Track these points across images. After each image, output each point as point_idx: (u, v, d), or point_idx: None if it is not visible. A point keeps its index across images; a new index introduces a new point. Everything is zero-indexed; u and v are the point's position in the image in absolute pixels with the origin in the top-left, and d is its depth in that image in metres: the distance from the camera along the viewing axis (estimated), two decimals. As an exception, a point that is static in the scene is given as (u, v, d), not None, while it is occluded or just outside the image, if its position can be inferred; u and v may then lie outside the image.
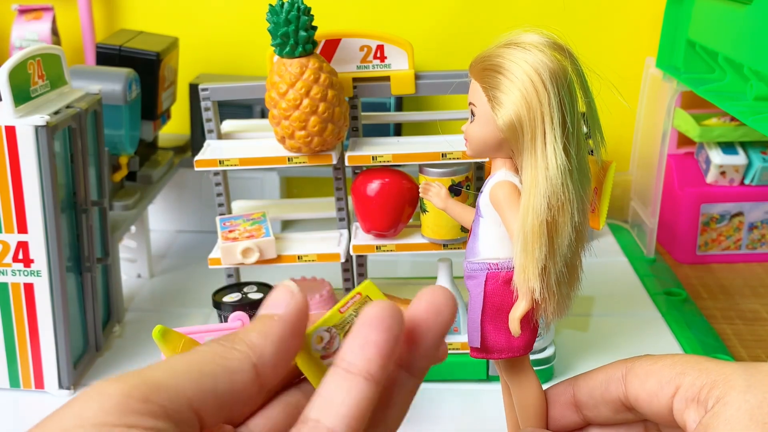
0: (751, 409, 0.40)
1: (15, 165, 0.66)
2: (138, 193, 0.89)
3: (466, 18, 1.10)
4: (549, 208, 0.47)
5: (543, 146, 0.47)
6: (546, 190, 0.46)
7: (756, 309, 0.90)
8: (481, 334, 0.51)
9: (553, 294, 0.48)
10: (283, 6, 0.65)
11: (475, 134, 0.50)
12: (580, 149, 0.49)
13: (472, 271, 0.51)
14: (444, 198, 0.62)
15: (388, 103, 1.01)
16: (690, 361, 0.45)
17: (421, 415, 0.69)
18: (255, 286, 0.77)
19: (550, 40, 0.48)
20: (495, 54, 0.48)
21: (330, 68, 0.68)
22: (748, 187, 0.99)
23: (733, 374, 0.42)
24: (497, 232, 0.50)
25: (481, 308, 0.50)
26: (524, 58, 0.47)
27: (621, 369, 0.48)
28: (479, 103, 0.49)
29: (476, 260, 0.51)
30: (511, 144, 0.48)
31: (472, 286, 0.51)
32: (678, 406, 0.44)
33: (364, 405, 0.33)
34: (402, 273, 0.97)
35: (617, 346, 0.80)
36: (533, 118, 0.47)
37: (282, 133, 0.69)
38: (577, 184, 0.48)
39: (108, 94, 0.82)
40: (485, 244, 0.50)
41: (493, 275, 0.50)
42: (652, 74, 1.00)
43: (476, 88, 0.49)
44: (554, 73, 0.47)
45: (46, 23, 1.04)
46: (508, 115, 0.47)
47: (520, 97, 0.47)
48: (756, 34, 0.72)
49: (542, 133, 0.47)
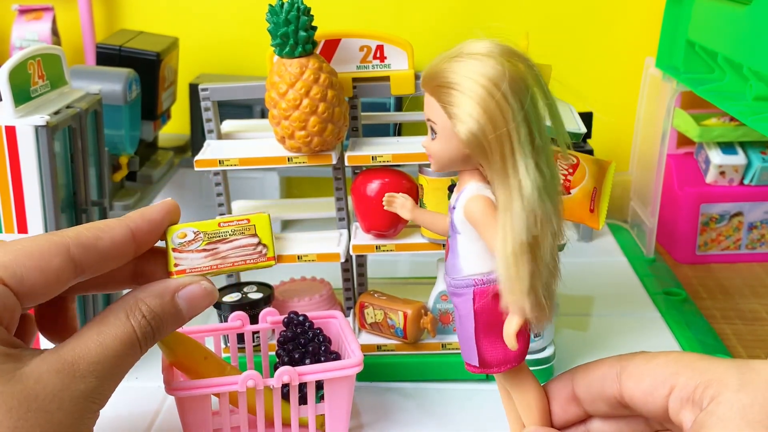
0: (744, 408, 0.41)
1: (15, 165, 0.66)
2: (138, 193, 0.89)
3: (466, 18, 1.10)
4: (528, 228, 0.45)
5: (513, 164, 0.45)
6: (522, 211, 0.45)
7: (756, 309, 0.90)
8: (477, 350, 0.50)
9: (543, 306, 0.46)
10: (283, 6, 0.65)
11: (439, 151, 0.48)
12: (549, 156, 0.47)
13: (457, 288, 0.49)
14: (410, 209, 0.60)
15: (388, 103, 1.01)
16: (684, 360, 0.45)
17: (420, 415, 0.69)
18: (255, 286, 0.77)
19: (503, 47, 0.46)
20: (447, 69, 0.46)
21: (330, 68, 0.68)
22: (748, 187, 0.99)
23: (726, 373, 0.43)
24: (477, 246, 0.48)
25: (474, 326, 0.49)
26: (478, 71, 0.45)
27: (616, 367, 0.48)
28: (438, 119, 0.47)
29: (460, 277, 0.49)
30: (478, 158, 0.46)
31: (459, 303, 0.49)
32: (673, 406, 0.44)
33: None
34: (402, 273, 0.97)
35: (617, 345, 0.80)
36: (498, 135, 0.44)
37: (282, 133, 0.69)
38: (551, 192, 0.46)
39: (108, 94, 0.82)
40: (467, 260, 0.49)
41: (481, 291, 0.48)
42: (651, 74, 1.00)
43: (433, 104, 0.47)
44: (514, 83, 0.45)
45: (46, 23, 1.04)
46: (470, 131, 0.45)
47: (480, 112, 0.44)
48: (756, 34, 0.72)
49: (510, 150, 0.45)
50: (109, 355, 0.47)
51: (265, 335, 0.71)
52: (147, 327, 0.49)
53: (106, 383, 0.47)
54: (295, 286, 0.81)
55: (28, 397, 0.43)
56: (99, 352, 0.47)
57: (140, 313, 0.49)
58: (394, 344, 0.73)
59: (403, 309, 0.71)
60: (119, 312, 0.49)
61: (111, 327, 0.48)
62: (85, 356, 0.46)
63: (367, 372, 0.68)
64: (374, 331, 0.74)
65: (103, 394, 0.47)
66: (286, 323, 0.68)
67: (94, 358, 0.47)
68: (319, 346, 0.65)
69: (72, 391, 0.45)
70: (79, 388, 0.45)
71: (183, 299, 0.51)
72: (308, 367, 0.61)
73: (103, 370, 0.47)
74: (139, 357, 0.49)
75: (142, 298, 0.50)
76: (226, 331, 0.69)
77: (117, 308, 0.49)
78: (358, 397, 0.71)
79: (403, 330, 0.71)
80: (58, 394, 0.44)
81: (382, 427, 0.68)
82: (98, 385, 0.47)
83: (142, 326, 0.49)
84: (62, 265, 0.48)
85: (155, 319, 0.50)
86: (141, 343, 0.49)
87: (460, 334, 0.51)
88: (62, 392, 0.45)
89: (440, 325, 0.74)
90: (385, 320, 0.72)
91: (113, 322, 0.48)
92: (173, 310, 0.50)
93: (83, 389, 0.46)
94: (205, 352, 0.61)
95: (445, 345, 0.73)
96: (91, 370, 0.46)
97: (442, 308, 0.73)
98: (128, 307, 0.49)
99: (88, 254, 0.49)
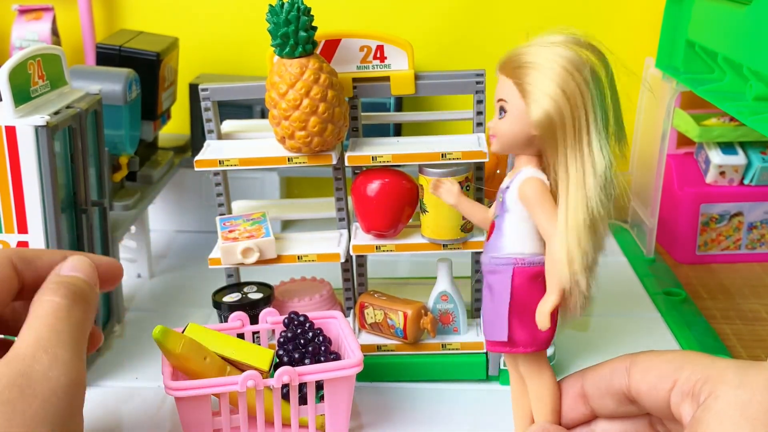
0: (742, 404, 0.41)
1: (15, 165, 0.66)
2: (138, 193, 0.89)
3: (465, 18, 1.10)
4: (600, 204, 0.47)
5: (588, 143, 0.47)
6: (596, 187, 0.47)
7: (756, 309, 0.90)
8: (509, 328, 0.51)
9: (590, 288, 0.49)
10: (283, 6, 0.65)
11: (506, 131, 0.50)
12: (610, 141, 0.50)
13: (496, 266, 0.51)
14: (456, 194, 0.62)
15: (388, 103, 1.01)
16: (688, 356, 0.46)
17: (421, 415, 0.69)
18: (255, 286, 0.77)
19: (583, 39, 0.49)
20: (527, 52, 0.48)
21: (330, 68, 0.68)
22: (748, 187, 0.99)
23: (727, 370, 0.43)
24: (524, 227, 0.50)
25: (509, 303, 0.50)
26: (559, 54, 0.47)
27: (626, 362, 0.49)
28: (511, 99, 0.49)
29: (501, 255, 0.51)
30: (545, 140, 0.48)
31: (495, 281, 0.51)
32: (675, 400, 0.45)
33: None
34: (402, 273, 0.97)
35: (617, 346, 0.80)
36: (577, 115, 0.47)
37: (282, 133, 0.69)
38: None
39: (108, 94, 0.82)
40: (511, 239, 0.50)
41: (520, 270, 0.50)
42: (651, 74, 1.00)
43: (507, 84, 0.49)
44: (592, 70, 0.48)
45: (46, 23, 1.04)
46: (544, 111, 0.47)
47: (559, 93, 0.47)
48: (755, 34, 0.72)
49: (587, 129, 0.47)
50: (44, 326, 0.51)
51: (265, 335, 0.71)
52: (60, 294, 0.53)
53: (60, 353, 0.50)
54: (295, 286, 0.81)
55: None
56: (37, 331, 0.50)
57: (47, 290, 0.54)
58: (394, 344, 0.73)
59: (403, 309, 0.71)
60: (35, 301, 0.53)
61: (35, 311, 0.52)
62: (26, 340, 0.50)
63: (367, 372, 0.68)
64: (374, 331, 0.74)
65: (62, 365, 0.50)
66: (286, 323, 0.68)
67: (35, 337, 0.50)
68: (319, 347, 0.65)
69: (27, 376, 0.47)
70: (34, 369, 0.48)
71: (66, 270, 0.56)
72: (308, 368, 0.62)
73: (47, 342, 0.50)
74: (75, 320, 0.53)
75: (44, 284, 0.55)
76: (226, 331, 0.69)
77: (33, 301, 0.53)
78: (358, 397, 0.71)
79: (403, 330, 0.71)
80: (14, 382, 0.47)
81: (382, 427, 0.68)
82: (51, 358, 0.50)
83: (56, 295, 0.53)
84: (9, 273, 0.55)
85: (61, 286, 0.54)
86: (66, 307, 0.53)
87: (489, 312, 0.52)
88: (18, 379, 0.47)
89: (440, 325, 0.74)
90: (385, 320, 0.72)
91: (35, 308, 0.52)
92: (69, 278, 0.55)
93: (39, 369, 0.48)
94: (205, 353, 0.61)
95: (445, 345, 0.73)
96: (37, 348, 0.49)
97: (442, 308, 0.73)
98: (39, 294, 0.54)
99: (28, 268, 0.56)
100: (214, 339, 0.63)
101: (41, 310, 0.52)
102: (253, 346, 0.64)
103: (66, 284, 0.54)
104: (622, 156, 0.52)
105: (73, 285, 0.54)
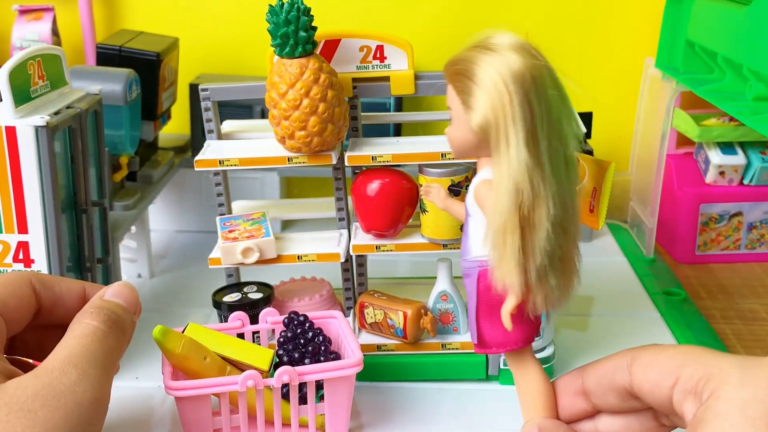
0: (743, 403, 0.41)
1: (15, 165, 0.66)
2: (138, 193, 0.89)
3: (465, 18, 1.10)
4: (516, 205, 0.47)
5: (506, 145, 0.47)
6: (509, 188, 0.47)
7: (755, 309, 0.90)
8: (477, 330, 0.52)
9: (538, 288, 0.49)
10: (283, 6, 0.65)
11: (454, 137, 0.51)
12: (552, 143, 0.48)
13: (466, 269, 0.52)
14: (443, 198, 0.64)
15: (387, 103, 1.01)
16: (691, 352, 0.46)
17: (421, 415, 0.69)
18: (255, 286, 0.77)
19: (522, 42, 0.48)
20: (464, 58, 0.49)
21: (330, 68, 0.68)
22: (747, 187, 0.99)
23: (730, 368, 0.43)
24: (484, 229, 0.50)
25: (476, 305, 0.52)
26: (490, 62, 0.47)
27: (627, 358, 0.49)
28: (454, 106, 0.50)
29: (469, 258, 0.52)
30: (486, 145, 0.49)
31: (467, 284, 0.52)
32: (677, 397, 0.45)
33: None
34: (402, 273, 0.97)
35: (616, 346, 0.79)
36: (497, 121, 0.47)
37: (282, 133, 0.69)
38: (552, 178, 0.48)
39: (108, 95, 0.82)
40: (475, 242, 0.51)
41: (485, 272, 0.51)
42: (651, 74, 1.00)
43: (451, 92, 0.50)
44: (517, 75, 0.47)
45: (46, 23, 1.04)
46: (478, 118, 0.48)
47: (487, 101, 0.47)
48: (755, 34, 0.72)
49: (505, 133, 0.47)
50: (78, 345, 0.51)
51: (265, 335, 0.71)
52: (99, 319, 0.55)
53: (89, 371, 0.50)
54: (295, 286, 0.81)
55: (8, 402, 0.47)
56: (70, 349, 0.51)
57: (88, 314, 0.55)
58: (394, 344, 0.73)
59: (403, 309, 0.71)
60: (74, 322, 0.54)
61: (72, 332, 0.53)
62: (58, 356, 0.50)
63: (367, 372, 0.68)
64: (374, 331, 0.74)
65: (88, 386, 0.49)
66: (286, 323, 0.68)
67: (67, 354, 0.50)
68: (319, 346, 0.65)
69: (53, 387, 0.47)
70: (61, 382, 0.48)
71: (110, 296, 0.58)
72: (308, 367, 0.62)
73: (81, 362, 0.50)
74: (109, 346, 0.54)
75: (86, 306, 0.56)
76: (226, 331, 0.69)
77: (72, 322, 0.54)
78: (358, 397, 0.71)
79: (403, 330, 0.71)
80: (39, 393, 0.47)
81: (382, 427, 0.68)
82: (80, 374, 0.49)
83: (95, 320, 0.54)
84: (29, 293, 0.56)
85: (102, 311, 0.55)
86: (103, 333, 0.54)
87: (468, 315, 0.53)
88: (43, 390, 0.47)
89: (440, 325, 0.74)
90: (385, 320, 0.72)
91: (73, 328, 0.53)
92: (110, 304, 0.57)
93: (66, 383, 0.48)
94: (205, 353, 0.61)
95: (445, 345, 0.73)
96: (67, 363, 0.50)
97: (442, 308, 0.73)
98: (79, 316, 0.55)
99: (46, 291, 0.57)
100: (214, 339, 0.63)
101: (78, 330, 0.53)
102: (253, 346, 0.64)
103: (106, 310, 0.55)
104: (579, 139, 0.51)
105: (113, 312, 0.55)
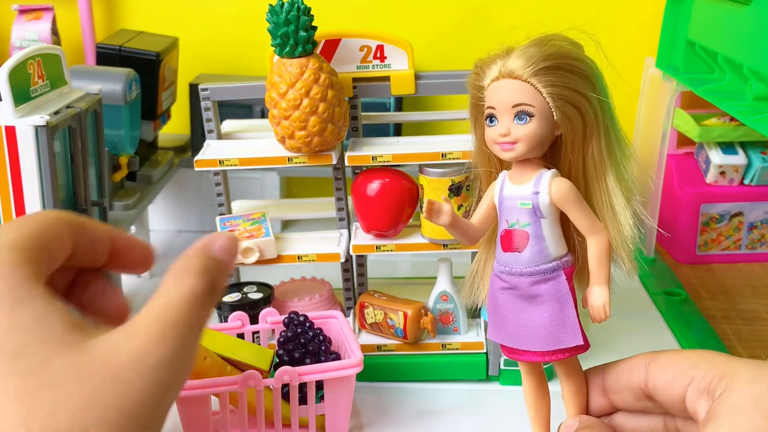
0: (756, 398, 0.42)
1: (15, 165, 0.66)
2: (138, 193, 0.89)
3: (465, 18, 1.10)
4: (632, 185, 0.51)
5: (607, 134, 0.50)
6: (629, 173, 0.51)
7: (756, 309, 0.90)
8: (581, 328, 0.51)
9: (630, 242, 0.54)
10: (283, 6, 0.65)
11: (534, 134, 0.49)
12: None
13: (546, 274, 0.50)
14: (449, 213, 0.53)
15: (388, 103, 1.01)
16: (705, 355, 0.48)
17: (421, 415, 0.69)
18: (255, 286, 0.77)
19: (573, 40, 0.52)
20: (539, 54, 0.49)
21: (330, 68, 0.68)
22: (748, 187, 0.99)
23: (742, 368, 0.45)
24: (557, 230, 0.51)
25: (573, 304, 0.50)
26: (574, 54, 0.50)
27: (646, 359, 0.50)
28: (536, 102, 0.49)
29: (549, 261, 0.50)
30: (566, 137, 0.50)
31: (550, 287, 0.50)
32: (690, 397, 0.46)
33: None
34: (402, 273, 0.97)
35: (617, 346, 0.80)
36: (595, 109, 0.49)
37: (282, 133, 0.69)
38: None
39: (108, 94, 0.82)
40: (553, 243, 0.50)
41: (568, 271, 0.51)
42: (651, 74, 1.00)
43: (526, 89, 0.49)
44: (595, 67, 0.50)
45: (46, 23, 1.04)
46: (570, 109, 0.49)
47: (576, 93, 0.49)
48: (756, 34, 0.72)
49: (603, 121, 0.50)
50: (180, 314, 0.44)
51: (265, 335, 0.71)
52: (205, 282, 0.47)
53: (184, 346, 0.45)
54: (295, 286, 0.81)
55: (102, 366, 0.40)
56: (171, 315, 0.44)
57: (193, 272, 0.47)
58: (394, 344, 0.73)
59: (403, 309, 0.71)
60: (175, 277, 0.46)
61: (174, 290, 0.45)
62: (157, 321, 0.43)
63: (367, 372, 0.68)
64: (374, 331, 0.74)
65: (182, 358, 0.45)
66: (287, 323, 0.68)
67: (168, 321, 0.44)
68: (319, 346, 0.65)
69: (151, 357, 0.41)
70: (158, 352, 0.41)
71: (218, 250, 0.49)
72: (308, 367, 0.61)
73: (179, 331, 0.44)
74: (207, 314, 0.46)
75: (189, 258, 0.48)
76: (226, 331, 0.69)
77: (172, 275, 0.47)
78: (358, 397, 0.71)
79: (403, 330, 0.71)
80: (136, 360, 0.40)
81: (382, 427, 0.68)
82: (179, 347, 0.44)
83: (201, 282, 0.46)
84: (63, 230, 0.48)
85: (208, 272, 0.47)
86: (206, 298, 0.47)
87: (551, 321, 0.51)
88: (140, 358, 0.41)
89: (440, 326, 0.74)
90: (385, 320, 0.72)
91: (174, 285, 0.46)
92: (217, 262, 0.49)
93: (162, 353, 0.42)
94: (205, 352, 0.61)
95: (445, 345, 0.73)
96: (167, 333, 0.43)
97: (442, 308, 0.73)
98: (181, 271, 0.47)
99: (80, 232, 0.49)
100: (214, 339, 0.63)
101: (181, 291, 0.45)
102: (253, 346, 0.64)
103: (213, 272, 0.48)
104: None
105: (218, 274, 0.48)
